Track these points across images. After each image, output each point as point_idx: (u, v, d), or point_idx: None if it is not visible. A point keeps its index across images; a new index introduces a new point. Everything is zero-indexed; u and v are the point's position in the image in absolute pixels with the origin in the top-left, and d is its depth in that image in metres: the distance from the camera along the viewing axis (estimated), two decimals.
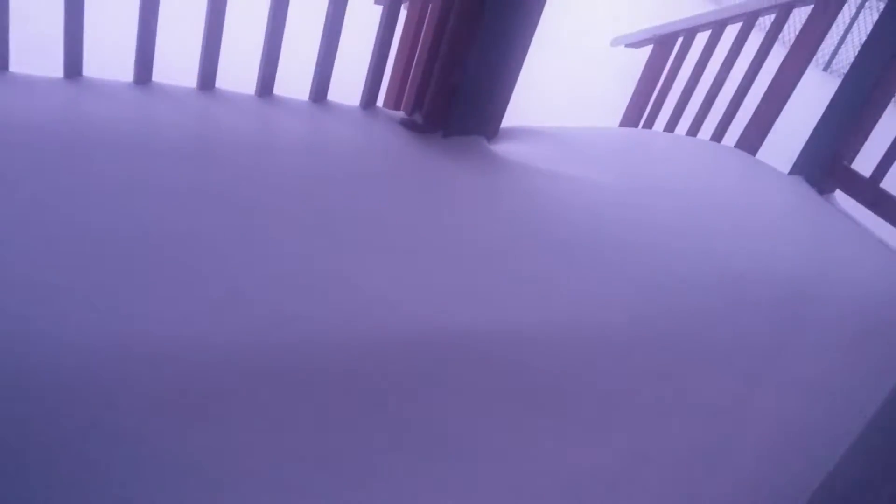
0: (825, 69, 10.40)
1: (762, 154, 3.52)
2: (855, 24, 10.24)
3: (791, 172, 3.31)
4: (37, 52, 2.12)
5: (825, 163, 3.18)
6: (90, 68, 2.01)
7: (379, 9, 2.49)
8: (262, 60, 2.20)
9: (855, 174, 3.12)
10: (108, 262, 1.49)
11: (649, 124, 4.06)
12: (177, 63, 2.27)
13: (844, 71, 9.59)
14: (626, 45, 4.36)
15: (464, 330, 1.64)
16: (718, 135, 3.65)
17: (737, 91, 3.56)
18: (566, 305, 1.82)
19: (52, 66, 1.97)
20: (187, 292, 1.49)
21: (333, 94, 2.35)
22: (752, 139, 3.57)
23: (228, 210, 1.72)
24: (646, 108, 4.12)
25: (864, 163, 3.13)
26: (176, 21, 2.53)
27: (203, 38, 2.08)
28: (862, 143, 3.18)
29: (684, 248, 2.22)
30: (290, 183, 1.89)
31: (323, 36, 2.24)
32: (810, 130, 3.29)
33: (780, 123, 3.52)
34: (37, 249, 1.45)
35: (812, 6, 3.38)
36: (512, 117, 2.60)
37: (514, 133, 2.73)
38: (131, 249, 1.54)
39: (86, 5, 1.89)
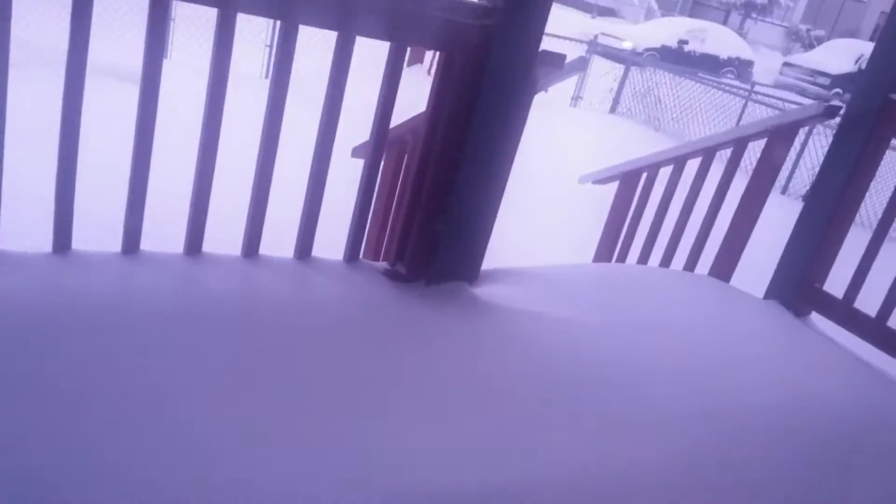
0: (783, 192, 10.79)
1: (735, 280, 3.59)
2: (806, 149, 10.73)
3: (766, 297, 3.37)
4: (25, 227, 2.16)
5: (798, 286, 3.26)
6: (78, 241, 2.04)
7: (355, 161, 2.58)
8: (247, 222, 2.26)
9: (828, 296, 3.18)
10: (94, 428, 1.48)
11: (622, 257, 4.16)
12: (164, 228, 2.31)
13: (801, 193, 10.01)
14: (594, 182, 4.54)
15: (454, 490, 1.61)
16: (691, 264, 3.73)
17: (704, 220, 3.67)
18: (557, 457, 1.80)
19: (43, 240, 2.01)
20: (177, 461, 1.47)
21: (315, 245, 2.39)
22: (725, 266, 3.65)
23: (215, 375, 1.72)
24: (617, 241, 4.24)
25: (839, 281, 3.19)
26: (162, 189, 2.59)
27: (190, 206, 2.14)
28: (831, 264, 3.27)
29: (667, 393, 2.20)
30: (276, 345, 1.90)
31: (307, 194, 2.30)
32: (779, 252, 3.38)
33: (749, 248, 3.62)
34: (21, 425, 1.44)
35: (766, 139, 3.56)
36: (489, 259, 2.65)
37: (495, 275, 2.78)
38: (118, 418, 1.53)
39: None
